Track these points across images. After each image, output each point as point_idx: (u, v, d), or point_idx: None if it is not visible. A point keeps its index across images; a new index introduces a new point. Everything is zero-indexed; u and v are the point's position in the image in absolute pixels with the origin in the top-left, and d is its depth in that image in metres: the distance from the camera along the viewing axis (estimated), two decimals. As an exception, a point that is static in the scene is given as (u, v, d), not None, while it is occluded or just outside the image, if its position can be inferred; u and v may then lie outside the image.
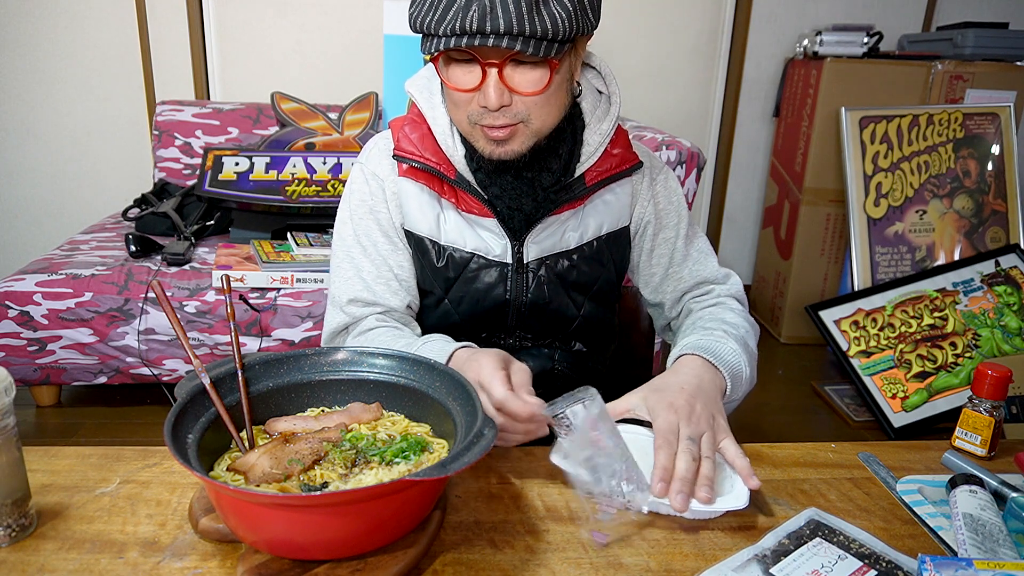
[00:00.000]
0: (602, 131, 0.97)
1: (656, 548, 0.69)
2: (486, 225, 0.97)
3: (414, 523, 0.64)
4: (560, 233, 0.99)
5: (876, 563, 0.65)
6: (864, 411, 2.47)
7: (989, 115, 2.76)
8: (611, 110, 0.98)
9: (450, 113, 0.91)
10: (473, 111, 0.86)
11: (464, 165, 0.95)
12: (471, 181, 0.95)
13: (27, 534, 0.66)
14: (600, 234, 1.02)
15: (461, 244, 0.98)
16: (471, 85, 0.84)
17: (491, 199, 0.95)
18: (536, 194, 0.95)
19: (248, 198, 2.35)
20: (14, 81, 2.91)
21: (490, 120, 0.85)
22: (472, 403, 0.69)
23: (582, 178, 0.97)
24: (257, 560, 0.61)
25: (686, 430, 0.76)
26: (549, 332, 1.06)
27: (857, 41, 2.82)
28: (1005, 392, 0.86)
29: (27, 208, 3.07)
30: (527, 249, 0.98)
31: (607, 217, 1.02)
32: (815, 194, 2.93)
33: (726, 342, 0.91)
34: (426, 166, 0.94)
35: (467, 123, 0.88)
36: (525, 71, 0.83)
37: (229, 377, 0.74)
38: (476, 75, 0.83)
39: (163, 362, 2.17)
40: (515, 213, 0.96)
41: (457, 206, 0.97)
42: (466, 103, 0.86)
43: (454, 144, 0.95)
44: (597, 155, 0.97)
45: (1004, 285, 2.57)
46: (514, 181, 0.94)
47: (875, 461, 0.86)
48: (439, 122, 0.95)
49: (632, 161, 1.00)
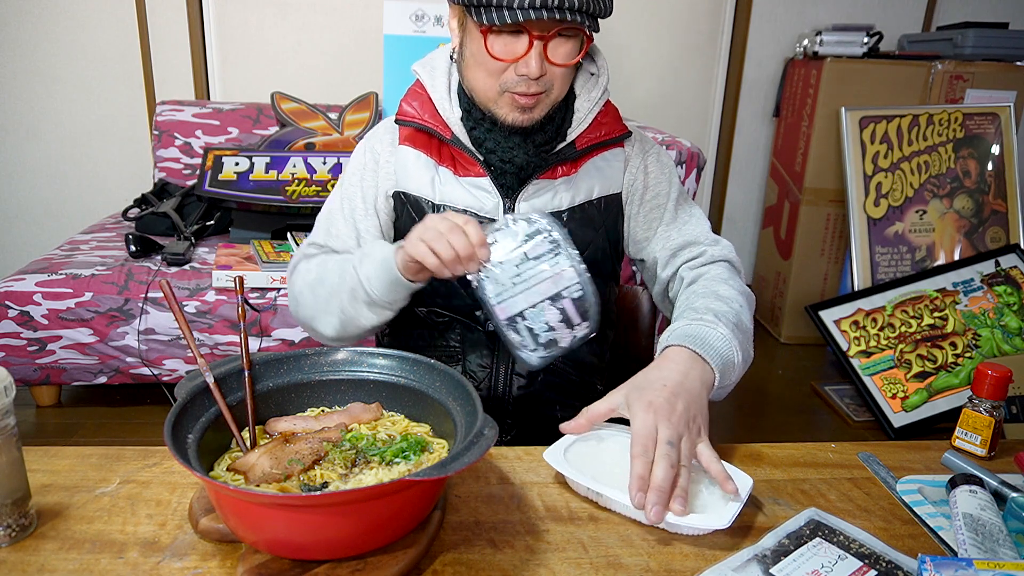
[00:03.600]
0: (591, 98, 1.03)
1: (656, 548, 0.69)
2: (480, 184, 1.01)
3: (414, 523, 0.64)
4: (552, 193, 1.02)
5: (876, 563, 0.65)
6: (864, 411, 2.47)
7: (989, 115, 2.76)
8: (599, 81, 1.04)
9: (474, 81, 0.96)
10: (508, 79, 0.92)
11: (460, 126, 1.01)
12: (466, 141, 1.00)
13: (27, 534, 0.66)
14: (592, 197, 1.05)
15: (455, 202, 1.02)
16: (515, 55, 0.90)
17: (484, 155, 1.00)
18: (528, 149, 0.99)
19: (248, 198, 2.35)
20: (14, 81, 2.91)
21: (523, 88, 0.92)
22: (472, 403, 0.69)
23: (573, 144, 1.02)
24: (257, 560, 0.61)
25: (665, 432, 0.74)
26: None
27: (857, 41, 2.82)
28: (1005, 392, 0.86)
29: (27, 208, 3.07)
30: (519, 206, 1.01)
31: (599, 182, 1.06)
32: (815, 194, 2.93)
33: (715, 327, 0.89)
34: (423, 126, 1.01)
35: (495, 91, 0.94)
36: (563, 44, 0.91)
37: (230, 377, 0.74)
38: (521, 46, 0.89)
39: (163, 362, 2.17)
40: (507, 167, 1.00)
41: (454, 171, 1.02)
42: (500, 72, 0.92)
43: (451, 107, 1.01)
44: (587, 122, 1.03)
45: (1004, 285, 2.57)
46: (508, 136, 0.99)
47: (875, 461, 0.86)
48: (438, 88, 1.02)
49: (621, 130, 1.06)
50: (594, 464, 0.78)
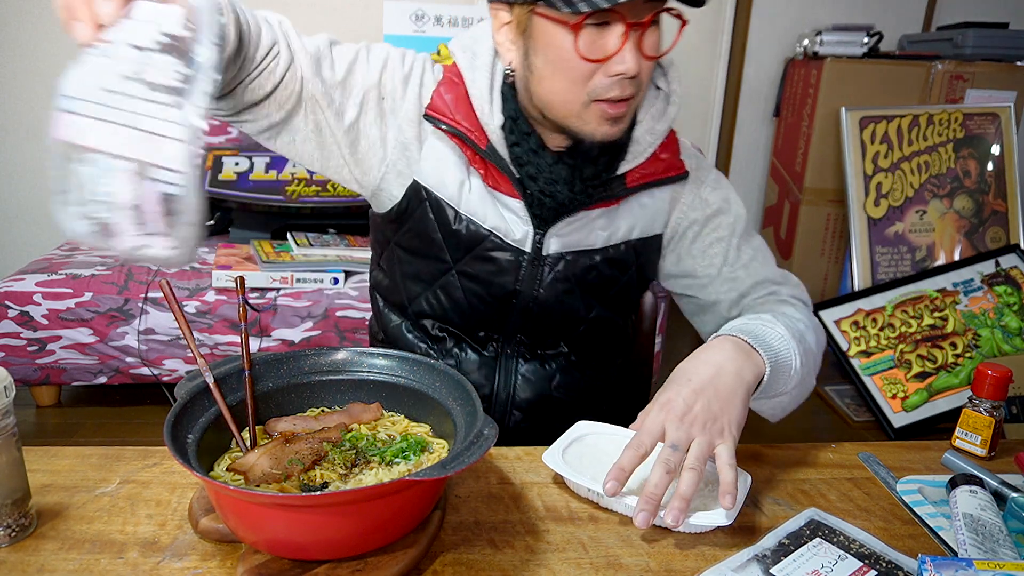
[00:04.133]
0: (656, 131, 0.90)
1: (656, 548, 0.68)
2: (511, 206, 0.90)
3: (414, 523, 0.64)
4: (588, 230, 0.92)
5: (876, 563, 0.65)
6: (864, 411, 2.47)
7: (989, 115, 2.76)
8: (668, 110, 0.91)
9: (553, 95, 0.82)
10: (599, 84, 0.79)
11: (499, 136, 0.87)
12: (504, 155, 0.88)
13: (27, 534, 0.66)
14: (630, 238, 0.95)
15: (481, 219, 0.91)
16: (605, 52, 0.77)
17: (523, 178, 0.89)
18: (574, 184, 0.88)
19: (248, 198, 2.35)
20: (14, 81, 2.91)
21: (618, 91, 0.78)
22: (472, 403, 0.69)
23: (623, 177, 0.91)
24: (257, 560, 0.61)
25: (672, 434, 0.70)
26: (551, 334, 1.00)
27: (857, 41, 2.82)
28: (1005, 392, 0.86)
29: (27, 208, 3.07)
30: (549, 240, 0.92)
31: (640, 221, 0.95)
32: (815, 194, 2.93)
33: (773, 327, 0.83)
34: (456, 131, 0.87)
35: (582, 103, 0.80)
36: (653, 32, 0.79)
37: (231, 377, 0.74)
38: (613, 39, 0.76)
39: (163, 362, 2.17)
40: (545, 200, 0.89)
41: (484, 178, 0.90)
42: (588, 77, 0.79)
43: (491, 111, 0.87)
44: (645, 156, 0.91)
45: (1004, 285, 2.57)
46: (554, 164, 0.87)
47: (875, 461, 0.86)
48: (478, 84, 0.87)
49: (678, 170, 0.94)
50: (593, 465, 0.78)
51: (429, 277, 0.97)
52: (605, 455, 0.79)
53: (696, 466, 0.69)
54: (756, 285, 0.97)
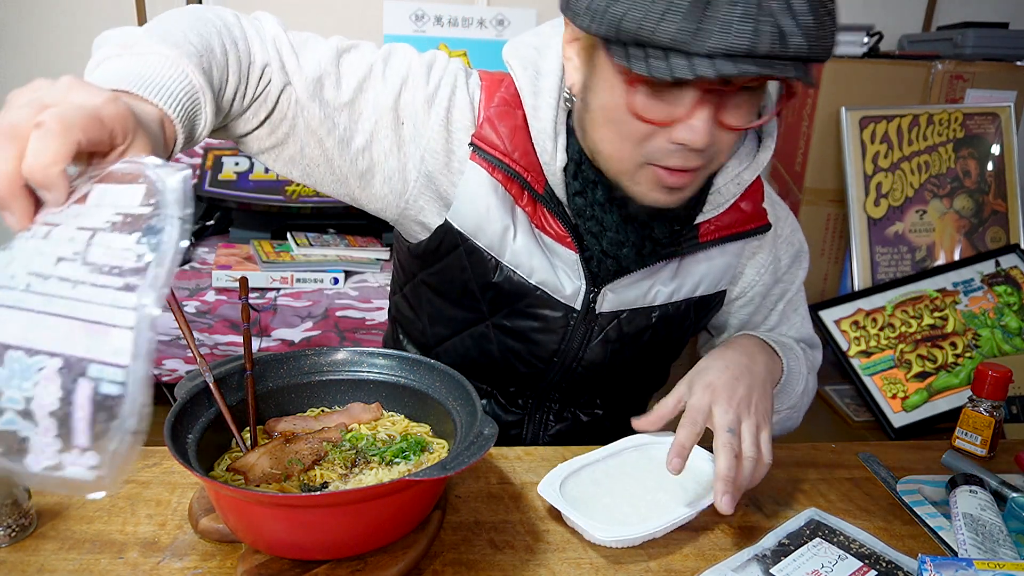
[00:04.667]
0: (742, 181, 0.77)
1: (656, 548, 0.68)
2: (563, 257, 0.77)
3: (414, 523, 0.64)
4: (648, 287, 0.81)
5: (876, 563, 0.65)
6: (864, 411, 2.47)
7: (989, 115, 2.76)
8: (760, 156, 0.77)
9: (603, 144, 0.69)
10: (656, 148, 0.65)
11: (560, 180, 0.74)
12: (563, 201, 0.75)
13: (27, 534, 0.66)
14: (694, 295, 0.83)
15: (527, 272, 0.78)
16: (673, 116, 0.62)
17: (583, 233, 0.76)
18: (643, 247, 0.75)
19: (248, 198, 2.35)
20: (14, 81, 2.91)
21: (679, 161, 0.65)
22: (472, 403, 0.69)
23: (696, 228, 0.79)
24: (257, 560, 0.61)
25: (723, 417, 0.67)
26: (589, 392, 0.91)
27: (857, 41, 2.82)
28: (1005, 392, 0.87)
29: (27, 208, 3.07)
30: (603, 298, 0.80)
31: (709, 277, 0.83)
32: (815, 194, 2.93)
33: (793, 347, 0.82)
34: (511, 170, 0.73)
35: (634, 163, 0.67)
36: (744, 100, 0.63)
37: (231, 377, 0.74)
38: (683, 104, 0.62)
39: (163, 362, 2.17)
40: (607, 260, 0.77)
41: (532, 221, 0.77)
42: (645, 138, 0.65)
43: (554, 151, 0.72)
44: (725, 207, 0.78)
45: (1004, 285, 2.57)
46: (621, 222, 0.74)
47: (875, 461, 0.86)
48: (541, 116, 0.72)
49: (760, 222, 0.81)
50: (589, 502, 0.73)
51: (460, 325, 0.86)
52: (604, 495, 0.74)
53: (751, 453, 0.67)
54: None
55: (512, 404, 0.90)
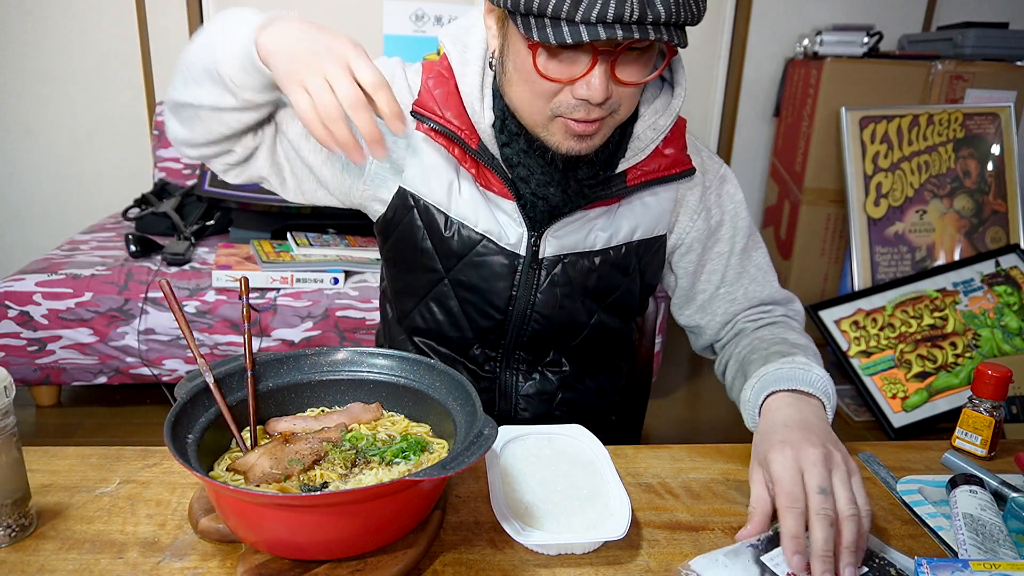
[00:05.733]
0: (658, 126, 0.85)
1: (656, 548, 0.68)
2: (504, 208, 0.87)
3: (414, 523, 0.64)
4: (586, 231, 0.88)
5: (869, 560, 0.65)
6: (864, 411, 2.47)
7: (989, 115, 2.76)
8: (672, 103, 0.85)
9: (518, 101, 0.79)
10: (562, 103, 0.75)
11: (490, 135, 0.84)
12: (496, 155, 0.84)
13: (27, 534, 0.66)
14: (632, 239, 0.90)
15: (472, 222, 0.87)
16: (573, 75, 0.72)
17: (515, 180, 0.85)
18: (568, 185, 0.84)
19: (248, 198, 2.35)
20: (14, 81, 2.91)
21: (583, 113, 0.74)
22: (472, 403, 0.69)
23: (623, 175, 0.86)
24: (257, 560, 0.61)
25: (814, 477, 0.63)
26: (551, 345, 0.96)
27: (857, 41, 2.82)
28: (1005, 392, 0.86)
29: (27, 208, 3.07)
30: (545, 243, 0.88)
31: (643, 221, 0.90)
32: (815, 194, 2.93)
33: (810, 368, 0.78)
34: (446, 130, 0.83)
35: (546, 116, 0.77)
36: (636, 58, 0.73)
37: (231, 377, 0.74)
38: (581, 63, 0.71)
39: (163, 362, 2.17)
40: (539, 201, 0.85)
41: (475, 179, 0.86)
42: (552, 94, 0.75)
43: (482, 109, 0.83)
44: (646, 152, 0.86)
45: (1004, 285, 2.57)
46: (546, 166, 0.83)
47: (875, 461, 0.86)
48: (468, 81, 0.83)
49: (684, 166, 0.88)
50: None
51: (422, 289, 0.94)
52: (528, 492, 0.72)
53: (853, 511, 0.62)
54: (752, 308, 0.95)
55: (481, 368, 0.96)
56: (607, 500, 0.71)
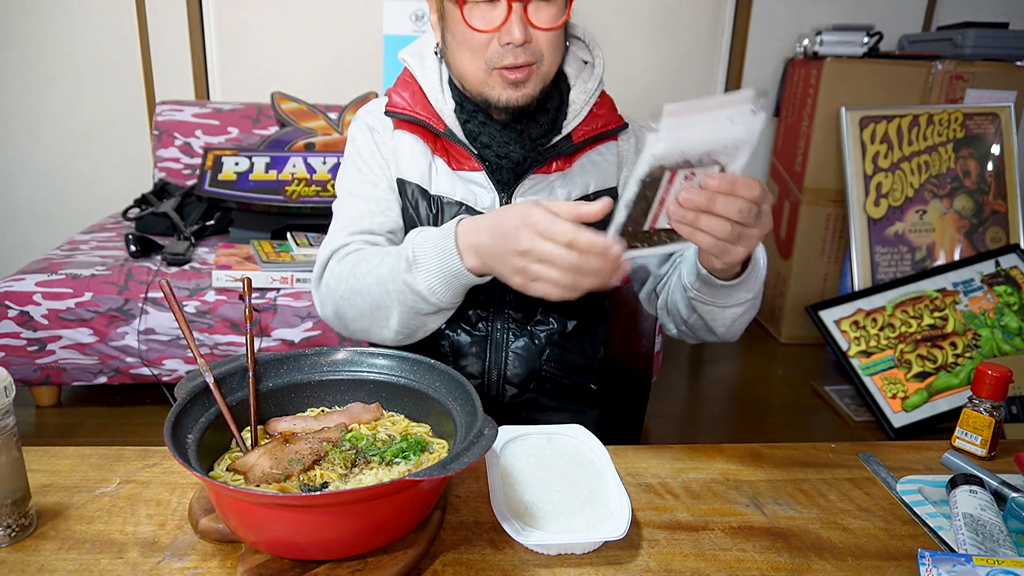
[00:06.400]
0: (587, 90, 1.02)
1: (656, 548, 0.69)
2: (476, 179, 1.00)
3: (414, 523, 0.64)
4: (548, 191, 1.01)
5: None
6: (864, 411, 2.47)
7: (989, 115, 2.76)
8: (595, 71, 1.03)
9: (462, 66, 0.95)
10: (493, 54, 0.90)
11: (453, 118, 0.99)
12: (459, 134, 0.99)
13: (27, 534, 0.66)
14: (588, 192, 1.03)
15: (450, 194, 1.00)
16: (495, 24, 0.89)
17: (479, 149, 0.99)
18: (524, 143, 0.97)
19: (248, 198, 2.35)
20: (14, 81, 2.91)
21: (511, 59, 0.90)
22: (472, 403, 0.69)
23: (569, 137, 1.01)
24: (257, 560, 0.61)
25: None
26: (537, 301, 1.03)
27: (857, 41, 2.82)
28: (1005, 392, 0.86)
29: (27, 208, 3.07)
30: (515, 202, 0.98)
31: (594, 176, 1.04)
32: (815, 194, 2.93)
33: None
34: (415, 119, 0.99)
35: (484, 70, 0.92)
36: (544, 7, 0.90)
37: (231, 377, 0.74)
38: (499, 14, 0.88)
39: (163, 362, 2.17)
40: (503, 162, 0.98)
41: (448, 163, 1.00)
42: (484, 47, 0.91)
43: (444, 98, 1.00)
44: (583, 114, 1.01)
45: (1004, 285, 2.57)
46: (502, 130, 0.97)
47: (875, 461, 0.86)
48: (429, 78, 1.00)
49: (617, 122, 1.04)
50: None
51: None
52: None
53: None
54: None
55: (475, 328, 1.04)
56: (607, 500, 0.71)
